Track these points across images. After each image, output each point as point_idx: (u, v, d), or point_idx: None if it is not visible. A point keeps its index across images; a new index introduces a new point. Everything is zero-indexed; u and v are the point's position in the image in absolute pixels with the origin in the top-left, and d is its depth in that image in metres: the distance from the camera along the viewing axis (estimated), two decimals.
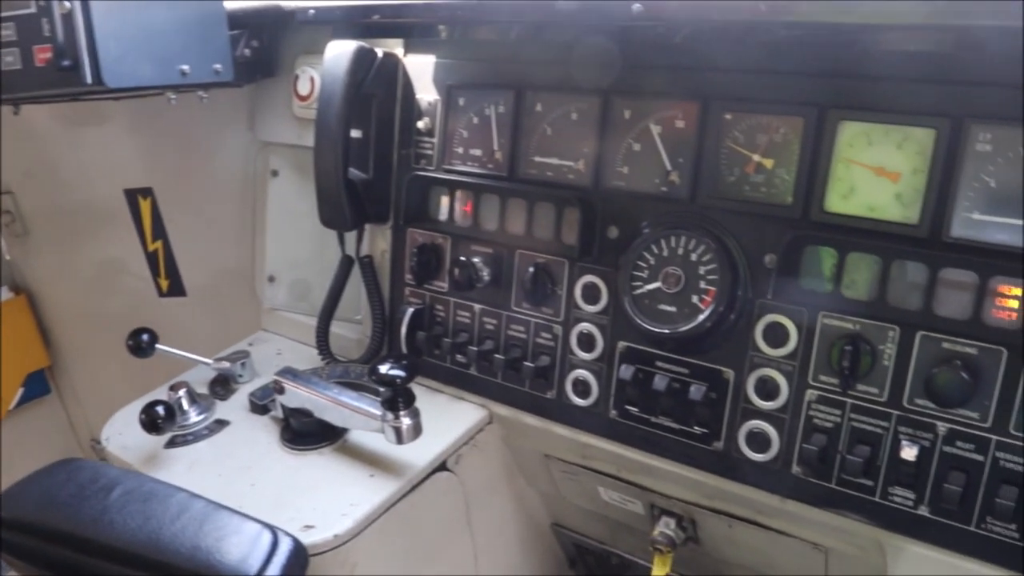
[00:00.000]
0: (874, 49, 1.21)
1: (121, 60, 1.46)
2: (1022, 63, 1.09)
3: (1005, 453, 1.15)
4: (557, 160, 1.51)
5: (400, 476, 1.49)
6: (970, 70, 1.14)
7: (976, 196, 1.14)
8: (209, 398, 1.77)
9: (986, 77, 1.13)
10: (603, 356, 1.48)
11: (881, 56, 1.21)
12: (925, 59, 1.18)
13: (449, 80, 1.64)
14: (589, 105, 1.46)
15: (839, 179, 1.24)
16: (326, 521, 1.39)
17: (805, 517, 1.34)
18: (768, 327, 1.31)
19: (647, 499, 1.60)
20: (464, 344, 1.64)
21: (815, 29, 1.22)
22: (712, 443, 1.39)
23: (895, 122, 1.19)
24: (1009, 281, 1.11)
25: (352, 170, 1.68)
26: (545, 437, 1.61)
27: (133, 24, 1.49)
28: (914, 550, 1.25)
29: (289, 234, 2.07)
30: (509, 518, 1.88)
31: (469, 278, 1.57)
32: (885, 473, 1.24)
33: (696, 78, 1.36)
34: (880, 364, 1.23)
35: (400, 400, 1.42)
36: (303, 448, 1.58)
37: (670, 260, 1.37)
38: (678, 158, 1.37)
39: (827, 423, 1.28)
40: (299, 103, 1.90)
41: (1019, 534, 1.15)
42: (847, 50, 1.23)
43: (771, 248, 1.29)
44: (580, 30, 1.44)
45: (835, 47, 1.24)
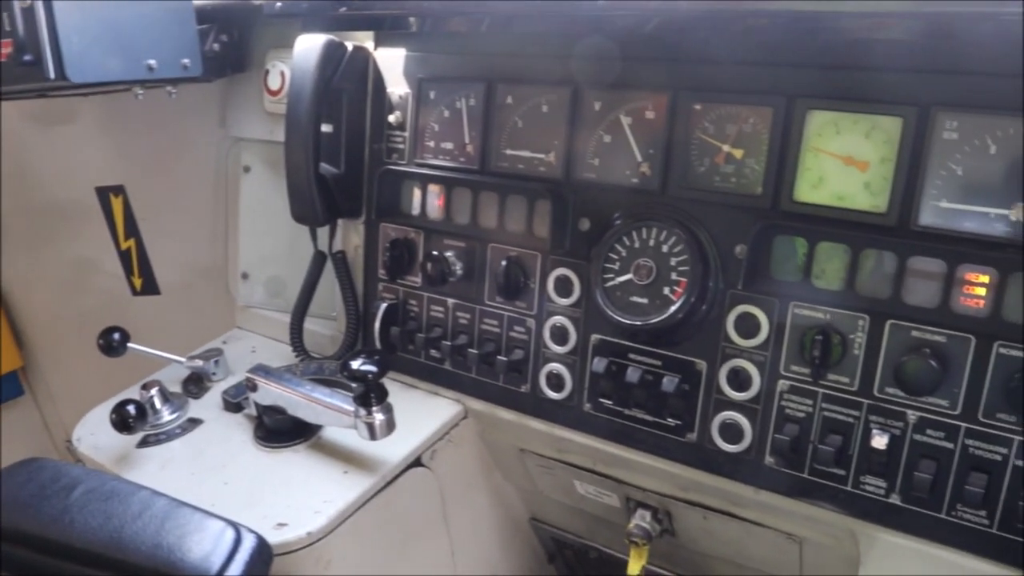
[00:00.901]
0: (841, 38, 1.21)
1: (85, 54, 1.45)
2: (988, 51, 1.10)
3: (974, 440, 1.15)
4: (528, 152, 1.50)
5: (374, 472, 1.48)
6: (936, 58, 1.14)
7: (943, 184, 1.14)
8: (182, 397, 1.75)
9: (952, 65, 1.13)
10: (576, 349, 1.48)
11: (848, 45, 1.21)
12: (892, 48, 1.18)
13: (420, 73, 1.63)
14: (559, 97, 1.45)
15: (808, 169, 1.24)
16: (299, 519, 1.38)
17: (779, 507, 1.34)
18: (739, 318, 1.31)
19: (623, 492, 1.59)
20: (438, 339, 1.63)
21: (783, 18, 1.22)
22: (686, 435, 1.39)
23: (863, 111, 1.19)
24: (976, 269, 1.11)
25: (323, 165, 1.67)
26: (520, 431, 1.60)
27: (97, 18, 1.47)
28: (886, 539, 1.25)
29: (262, 230, 2.06)
30: (486, 513, 1.88)
31: (442, 272, 1.56)
32: (857, 462, 1.24)
33: (665, 69, 1.35)
34: (850, 353, 1.23)
35: (372, 395, 1.41)
36: (276, 446, 1.57)
37: (641, 252, 1.36)
38: (649, 149, 1.37)
39: (799, 413, 1.28)
40: (270, 98, 1.89)
41: (989, 520, 1.16)
42: (815, 39, 1.23)
43: (742, 239, 1.28)
44: (550, 22, 1.43)
45: (803, 36, 1.24)
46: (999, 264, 1.10)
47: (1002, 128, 1.10)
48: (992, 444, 1.14)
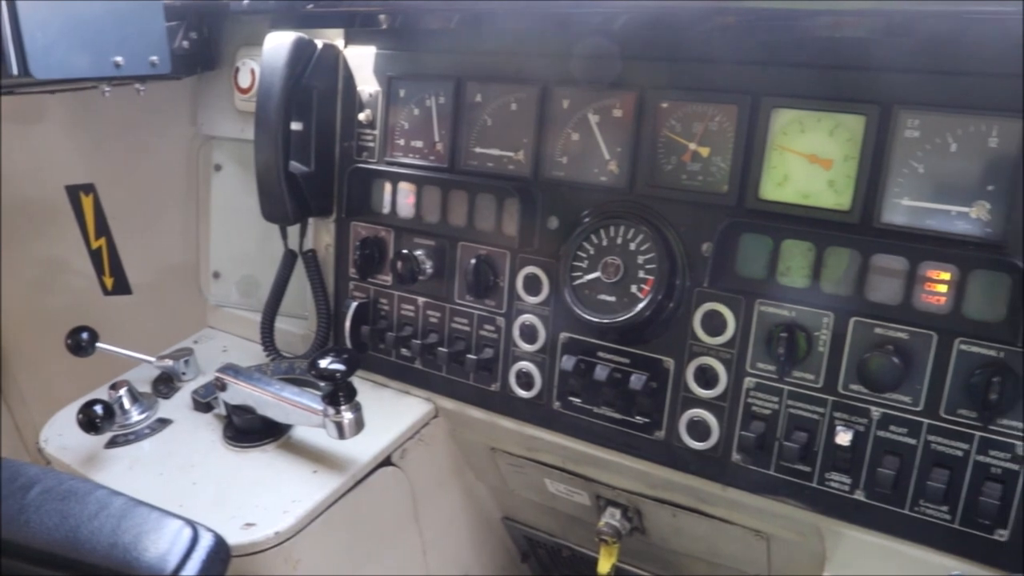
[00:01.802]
0: (805, 36, 1.21)
1: (49, 51, 1.43)
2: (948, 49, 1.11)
3: (936, 436, 1.16)
4: (498, 151, 1.50)
5: (343, 472, 1.48)
6: (898, 57, 1.15)
7: (905, 182, 1.15)
8: (152, 397, 1.74)
9: (913, 64, 1.14)
10: (545, 347, 1.48)
11: (812, 43, 1.21)
12: (855, 46, 1.18)
13: (390, 71, 1.63)
14: (528, 95, 1.45)
15: (773, 167, 1.24)
16: (267, 519, 1.37)
17: (746, 504, 1.35)
18: (706, 315, 1.31)
19: (593, 490, 1.60)
20: (408, 338, 1.63)
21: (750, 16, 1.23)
22: (654, 432, 1.39)
23: (826, 109, 1.20)
24: (938, 266, 1.12)
25: (293, 163, 1.66)
26: (490, 430, 1.60)
27: (62, 14, 1.45)
28: (851, 534, 1.26)
29: (234, 229, 2.04)
30: (458, 512, 1.88)
31: (412, 271, 1.55)
32: (822, 459, 1.25)
33: (633, 67, 1.35)
34: (815, 350, 1.23)
35: (341, 394, 1.41)
36: (246, 445, 1.56)
37: (609, 250, 1.37)
38: (616, 147, 1.37)
39: (765, 410, 1.29)
40: (240, 96, 1.88)
41: (951, 516, 1.17)
42: (780, 38, 1.23)
43: (708, 236, 1.29)
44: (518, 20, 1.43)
45: (768, 35, 1.24)
46: (960, 261, 1.11)
47: (962, 126, 1.11)
48: (954, 440, 1.15)
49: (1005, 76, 1.08)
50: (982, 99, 1.10)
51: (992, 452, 1.13)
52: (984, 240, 1.10)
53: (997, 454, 1.13)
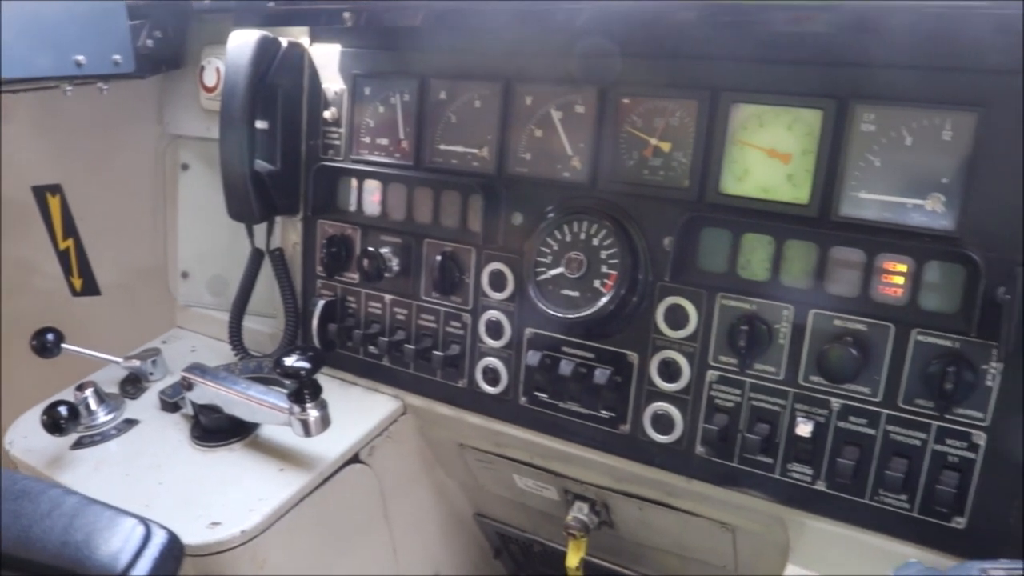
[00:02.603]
0: (763, 31, 1.22)
1: (9, 49, 1.42)
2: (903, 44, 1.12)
3: (895, 426, 1.18)
4: (462, 148, 1.50)
5: (310, 470, 1.48)
6: (854, 52, 1.17)
7: (862, 175, 1.16)
8: (119, 397, 1.73)
9: (869, 58, 1.15)
10: (511, 343, 1.48)
11: (769, 38, 1.22)
12: (811, 41, 1.19)
13: (355, 69, 1.62)
14: (491, 92, 1.45)
15: (734, 161, 1.25)
16: (233, 517, 1.37)
17: (710, 496, 1.36)
18: (669, 309, 1.32)
19: (561, 485, 1.60)
20: (376, 335, 1.62)
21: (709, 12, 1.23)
22: (619, 426, 1.40)
23: (784, 104, 1.21)
24: (894, 258, 1.14)
25: (259, 162, 1.65)
26: (458, 426, 1.60)
27: (22, 12, 1.45)
28: (814, 525, 1.27)
29: (202, 229, 2.04)
30: (429, 509, 1.88)
31: (378, 268, 1.55)
32: (784, 450, 1.26)
33: (594, 64, 1.36)
34: (776, 343, 1.25)
35: (306, 392, 1.41)
36: (213, 445, 1.56)
37: (572, 245, 1.37)
38: (579, 143, 1.38)
39: (728, 403, 1.30)
40: (206, 95, 1.87)
41: (910, 504, 1.18)
42: (738, 34, 1.24)
43: (670, 231, 1.30)
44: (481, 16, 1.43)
45: (727, 31, 1.25)
46: (916, 253, 1.12)
47: (917, 120, 1.12)
48: (911, 430, 1.17)
49: (957, 70, 1.09)
50: (935, 93, 1.11)
51: (949, 441, 1.14)
52: (939, 232, 1.11)
53: (954, 443, 1.14)
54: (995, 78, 1.07)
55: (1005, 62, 1.06)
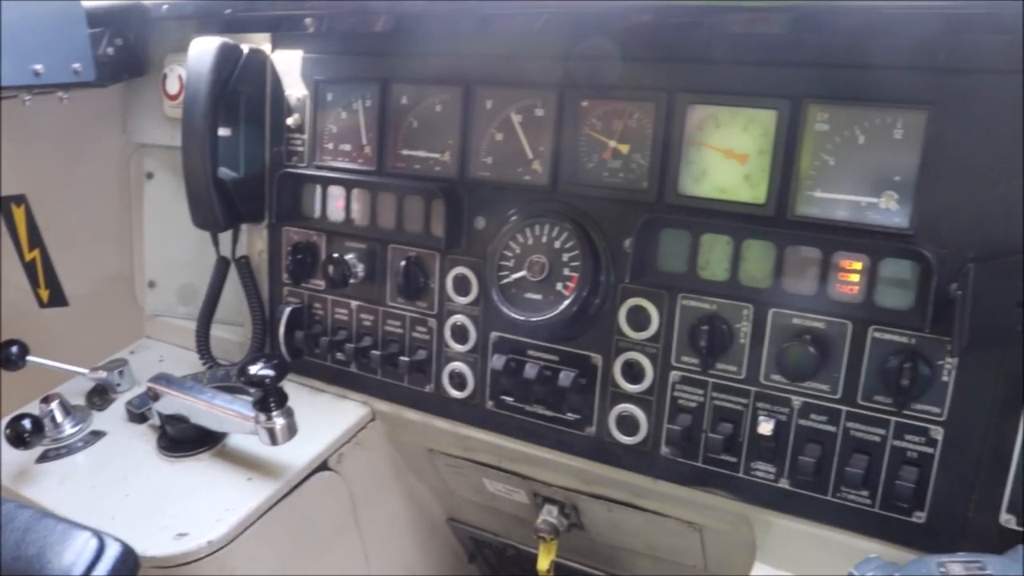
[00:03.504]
0: (718, 33, 1.23)
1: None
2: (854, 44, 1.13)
3: (855, 423, 1.19)
4: (424, 152, 1.50)
5: (278, 478, 1.47)
6: (807, 52, 1.17)
7: (817, 174, 1.17)
8: (86, 409, 1.72)
9: (822, 58, 1.16)
10: (477, 347, 1.48)
11: (725, 40, 1.23)
12: (765, 42, 1.20)
13: (317, 75, 1.62)
14: (452, 96, 1.45)
15: (691, 162, 1.26)
16: (200, 528, 1.36)
17: (677, 496, 1.37)
18: (631, 311, 1.32)
19: (530, 488, 1.60)
20: (342, 342, 1.62)
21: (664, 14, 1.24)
22: (585, 428, 1.40)
23: (740, 104, 1.22)
24: (850, 256, 1.15)
25: (222, 169, 1.65)
26: (427, 431, 1.60)
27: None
28: (779, 522, 1.28)
29: (168, 238, 2.02)
30: (401, 515, 1.87)
31: (343, 275, 1.55)
32: (747, 449, 1.27)
33: (552, 67, 1.36)
34: (737, 342, 1.25)
35: (271, 400, 1.40)
36: (180, 455, 1.55)
37: (535, 248, 1.37)
38: (539, 146, 1.38)
39: (691, 403, 1.30)
40: (169, 103, 1.86)
41: (871, 500, 1.19)
42: (693, 35, 1.25)
43: (630, 233, 1.30)
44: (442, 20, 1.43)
45: (683, 32, 1.25)
46: (870, 251, 1.13)
47: (869, 119, 1.13)
48: (871, 426, 1.18)
49: (907, 69, 1.10)
50: (887, 92, 1.12)
51: (907, 436, 1.15)
52: (893, 230, 1.12)
53: (912, 438, 1.15)
54: (943, 77, 1.08)
55: (953, 61, 1.07)
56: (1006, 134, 1.05)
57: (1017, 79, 1.03)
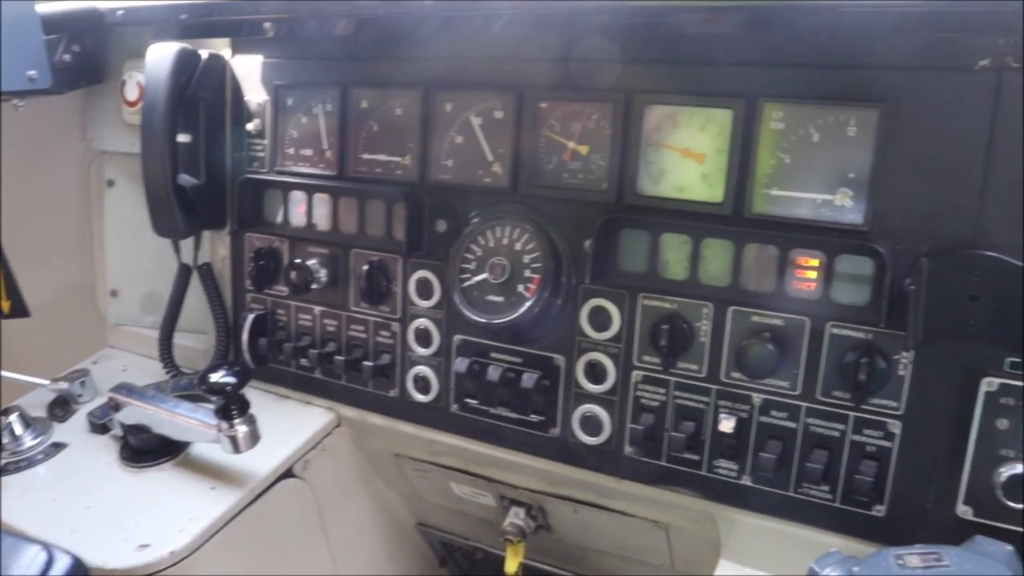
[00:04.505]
0: (674, 33, 1.23)
1: None
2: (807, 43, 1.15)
3: (814, 419, 1.20)
4: (385, 156, 1.49)
5: (242, 486, 1.46)
6: (761, 51, 1.18)
7: (773, 173, 1.18)
8: (46, 421, 1.69)
9: (775, 58, 1.17)
10: (440, 351, 1.48)
11: (681, 40, 1.24)
12: (719, 41, 1.21)
13: (276, 80, 1.61)
14: (411, 99, 1.45)
15: (650, 162, 1.27)
16: (162, 539, 1.35)
17: (641, 496, 1.37)
18: (592, 311, 1.33)
19: (496, 491, 1.60)
20: (307, 347, 1.61)
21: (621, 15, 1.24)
22: (549, 430, 1.40)
23: (697, 104, 1.22)
24: (806, 253, 1.16)
25: (183, 176, 1.63)
26: (393, 436, 1.60)
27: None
28: (742, 519, 1.29)
29: (131, 246, 2.00)
30: (369, 521, 1.86)
31: (305, 280, 1.54)
32: (710, 447, 1.28)
33: (511, 69, 1.36)
34: (698, 341, 1.26)
35: (233, 408, 1.39)
36: (142, 465, 1.53)
37: (495, 251, 1.37)
38: (499, 149, 1.38)
39: (653, 402, 1.31)
40: (128, 109, 1.84)
41: (832, 495, 1.20)
42: (650, 35, 1.25)
43: (591, 233, 1.30)
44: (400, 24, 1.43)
45: (639, 33, 1.26)
46: (827, 247, 1.14)
47: (823, 117, 1.14)
48: (830, 421, 1.19)
49: (859, 67, 1.12)
50: (840, 90, 1.13)
51: (866, 431, 1.17)
52: (848, 226, 1.13)
53: (871, 432, 1.16)
54: (895, 74, 1.09)
55: (904, 58, 1.09)
56: (956, 130, 1.06)
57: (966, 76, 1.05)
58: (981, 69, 1.04)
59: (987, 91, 1.04)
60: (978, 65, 1.04)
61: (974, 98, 1.05)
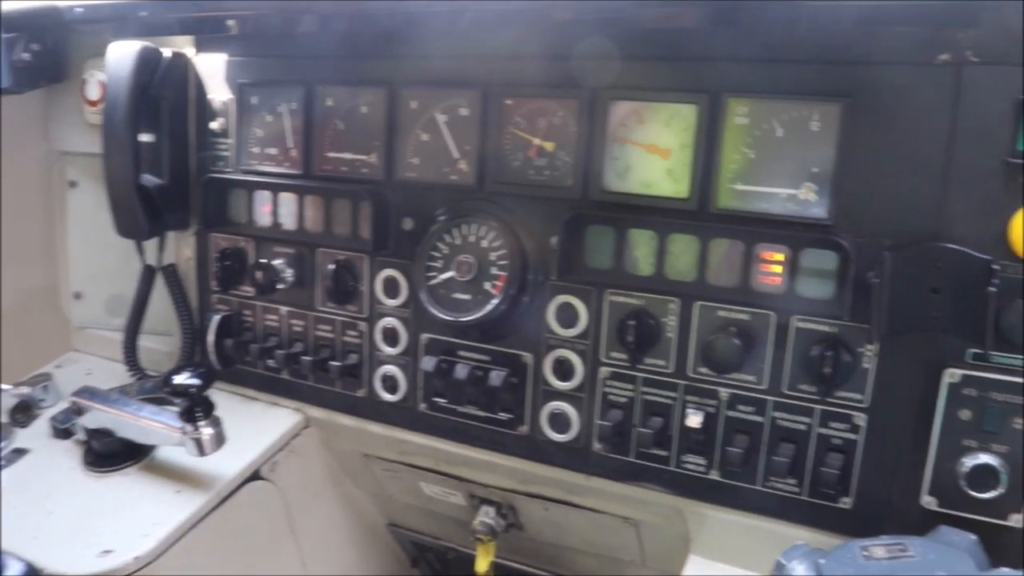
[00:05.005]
0: (638, 29, 1.23)
1: None
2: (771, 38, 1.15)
3: (781, 412, 1.20)
4: (350, 155, 1.48)
5: (208, 489, 1.44)
6: (725, 46, 1.19)
7: (737, 167, 1.18)
8: (8, 426, 1.66)
9: (740, 53, 1.18)
10: (408, 350, 1.47)
11: (644, 35, 1.24)
12: (684, 37, 1.21)
13: (240, 78, 1.59)
14: (377, 97, 1.44)
15: (615, 158, 1.26)
16: (126, 544, 1.33)
17: (611, 492, 1.37)
18: (559, 308, 1.32)
19: (467, 490, 1.60)
20: (273, 348, 1.60)
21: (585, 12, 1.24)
22: (518, 428, 1.39)
23: (661, 100, 1.23)
24: (771, 247, 1.16)
25: (146, 176, 1.61)
26: (361, 436, 1.58)
27: None
28: (711, 514, 1.29)
29: (95, 247, 1.96)
30: (339, 522, 1.85)
31: (271, 280, 1.53)
32: (678, 442, 1.28)
33: (476, 66, 1.36)
34: (664, 336, 1.26)
35: (197, 410, 1.37)
36: (106, 470, 1.51)
37: (462, 248, 1.37)
38: (465, 146, 1.37)
39: (621, 398, 1.31)
40: (90, 109, 1.81)
41: (799, 488, 1.20)
42: (613, 31, 1.25)
43: (557, 230, 1.30)
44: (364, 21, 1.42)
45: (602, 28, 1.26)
46: (791, 242, 1.15)
47: (787, 112, 1.15)
48: (797, 415, 1.19)
49: (822, 62, 1.12)
50: (803, 85, 1.14)
51: (832, 424, 1.17)
52: (812, 220, 1.14)
53: (837, 425, 1.17)
54: (857, 69, 1.10)
55: (867, 53, 1.10)
56: (918, 124, 1.07)
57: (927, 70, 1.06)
58: (941, 63, 1.05)
59: (947, 85, 1.05)
60: (938, 59, 1.05)
61: (935, 92, 1.06)
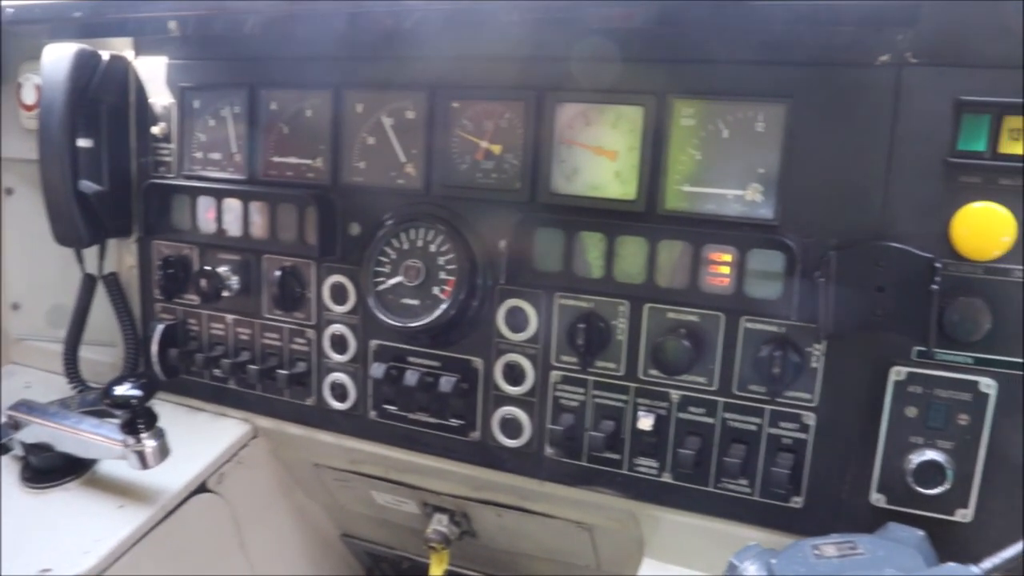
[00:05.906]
0: (583, 30, 1.23)
1: None
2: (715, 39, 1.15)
3: (732, 413, 1.20)
4: (296, 159, 1.46)
5: (153, 503, 1.41)
6: (670, 48, 1.19)
7: (684, 169, 1.18)
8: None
9: (685, 54, 1.18)
10: (357, 357, 1.45)
11: (590, 36, 1.23)
12: (630, 38, 1.20)
13: (182, 81, 1.56)
14: (322, 100, 1.42)
15: (563, 160, 1.26)
16: (66, 562, 1.28)
17: (564, 497, 1.36)
18: (509, 312, 1.31)
19: (419, 498, 1.58)
20: (219, 357, 1.56)
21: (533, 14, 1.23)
22: (469, 434, 1.38)
23: (607, 101, 1.22)
24: (719, 248, 1.16)
25: (84, 182, 1.57)
26: (311, 445, 1.56)
27: None
28: (665, 516, 1.29)
29: (33, 256, 1.91)
30: (290, 534, 1.81)
31: (216, 288, 1.49)
32: (630, 445, 1.27)
33: (421, 67, 1.34)
34: (615, 339, 1.25)
35: (139, 422, 1.33)
36: (45, 486, 1.46)
37: (410, 253, 1.35)
38: (411, 149, 1.36)
39: (572, 402, 1.30)
40: (26, 114, 1.76)
41: (751, 489, 1.20)
42: (559, 32, 1.24)
43: (505, 233, 1.29)
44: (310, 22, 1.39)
45: (548, 29, 1.25)
46: (739, 242, 1.15)
47: (732, 113, 1.15)
48: (747, 415, 1.20)
49: (766, 63, 1.12)
50: (748, 86, 1.14)
51: (782, 424, 1.18)
52: (758, 221, 1.14)
53: (786, 425, 1.17)
54: (800, 70, 1.11)
55: (809, 54, 1.10)
56: (860, 125, 1.08)
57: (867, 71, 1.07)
58: (881, 64, 1.06)
59: (888, 86, 1.06)
60: (878, 61, 1.06)
61: (876, 93, 1.06)
